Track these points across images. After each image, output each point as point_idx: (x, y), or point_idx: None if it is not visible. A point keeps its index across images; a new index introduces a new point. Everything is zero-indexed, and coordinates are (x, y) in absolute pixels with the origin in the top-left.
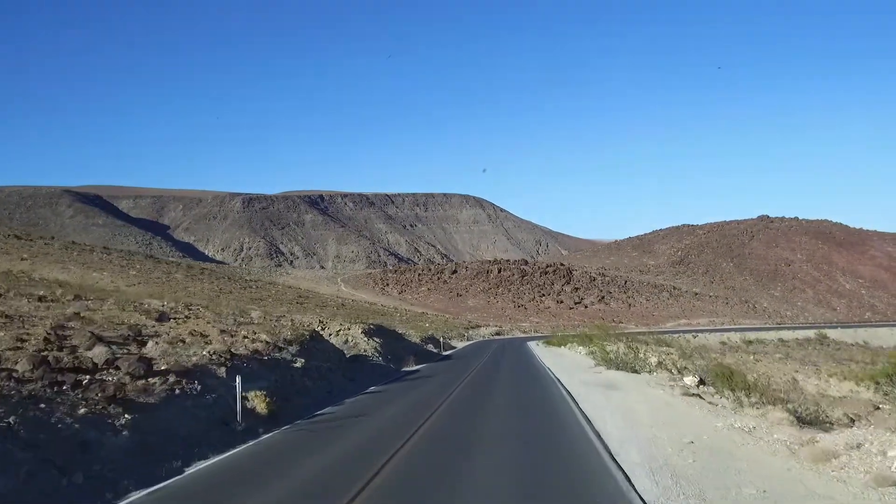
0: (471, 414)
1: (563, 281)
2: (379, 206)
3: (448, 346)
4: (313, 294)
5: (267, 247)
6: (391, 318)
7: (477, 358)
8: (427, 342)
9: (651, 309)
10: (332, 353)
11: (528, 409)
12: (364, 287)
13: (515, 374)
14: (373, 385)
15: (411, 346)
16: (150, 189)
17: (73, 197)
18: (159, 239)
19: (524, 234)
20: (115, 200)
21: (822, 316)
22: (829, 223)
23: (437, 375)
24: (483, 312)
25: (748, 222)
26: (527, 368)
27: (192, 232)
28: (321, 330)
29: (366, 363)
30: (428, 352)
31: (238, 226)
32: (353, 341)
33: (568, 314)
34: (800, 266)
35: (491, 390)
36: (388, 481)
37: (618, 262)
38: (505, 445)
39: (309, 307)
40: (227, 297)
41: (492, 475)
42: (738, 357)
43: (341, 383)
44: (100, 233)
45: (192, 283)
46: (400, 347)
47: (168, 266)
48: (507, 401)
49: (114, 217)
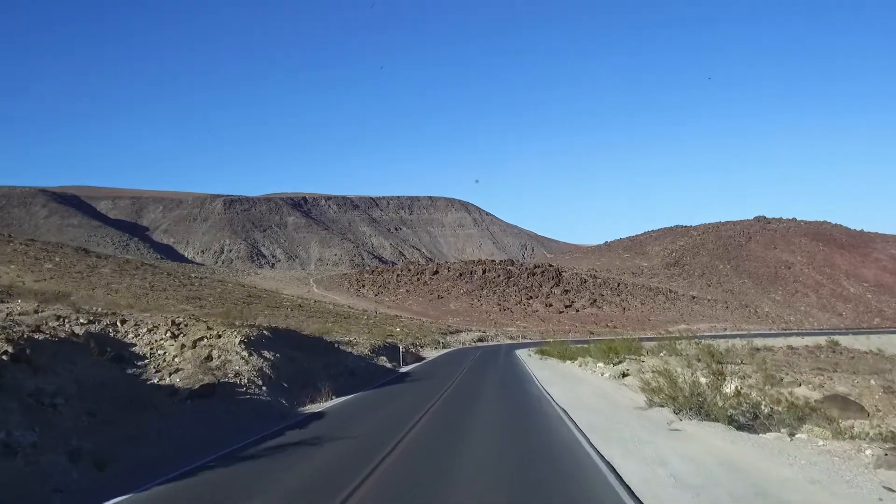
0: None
1: (551, 283)
2: (363, 208)
3: (414, 357)
4: (271, 294)
5: (248, 249)
6: (355, 321)
7: (446, 378)
8: (380, 353)
9: (647, 313)
10: (121, 386)
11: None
12: (338, 288)
13: (505, 427)
14: (158, 477)
15: (344, 363)
16: (129, 190)
17: (48, 197)
18: (136, 240)
19: (510, 238)
20: (93, 201)
21: (828, 321)
22: (828, 224)
23: (349, 432)
24: (466, 316)
25: (744, 223)
26: (525, 409)
27: (171, 234)
28: (170, 336)
29: (219, 403)
30: (376, 369)
31: (219, 228)
32: (220, 358)
33: (558, 318)
34: (801, 269)
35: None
36: None
37: (609, 263)
38: None
39: (256, 308)
40: (160, 294)
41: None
42: (853, 381)
43: (87, 470)
44: (75, 233)
45: (120, 278)
46: (318, 367)
47: (98, 260)
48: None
49: (90, 218)
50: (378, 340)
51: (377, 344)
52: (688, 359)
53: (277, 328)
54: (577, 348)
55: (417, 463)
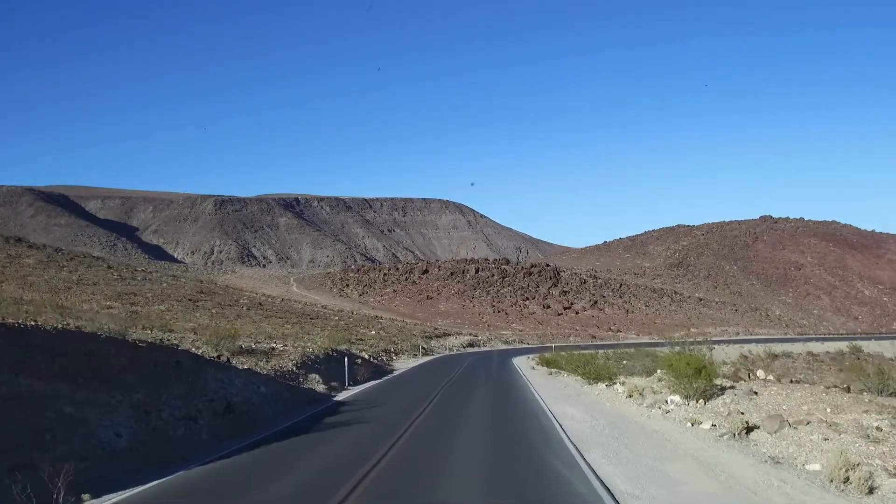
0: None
1: (549, 283)
2: (356, 210)
3: (376, 370)
4: (233, 291)
5: (239, 250)
6: (323, 322)
7: (398, 420)
8: (315, 368)
9: (652, 316)
10: None
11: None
12: (319, 288)
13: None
14: None
15: (217, 393)
16: (119, 190)
17: (35, 196)
18: (124, 240)
19: (505, 240)
20: (82, 201)
21: (844, 325)
22: (837, 224)
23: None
24: (457, 318)
25: (750, 223)
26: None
27: (160, 234)
28: None
29: None
30: (291, 397)
31: (209, 228)
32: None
33: (556, 321)
34: (811, 270)
35: None
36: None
37: (608, 263)
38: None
39: (202, 307)
40: (86, 290)
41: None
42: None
43: None
44: (61, 233)
45: (44, 270)
46: (123, 409)
47: (29, 249)
48: None
49: (77, 217)
50: (323, 348)
51: (316, 354)
52: None
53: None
54: (608, 363)
55: None
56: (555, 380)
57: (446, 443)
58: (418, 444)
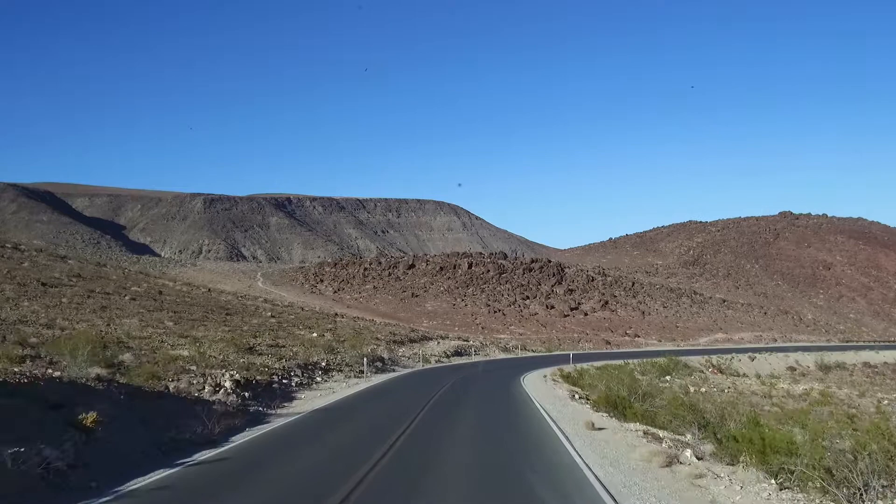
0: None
1: (552, 280)
2: (350, 210)
3: (237, 417)
4: (162, 284)
5: (228, 249)
6: (244, 318)
7: None
8: None
9: (673, 319)
10: None
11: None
12: (290, 283)
13: None
14: None
15: None
16: (107, 188)
17: (18, 192)
18: (108, 238)
19: (500, 242)
20: (68, 198)
21: (886, 331)
22: (865, 221)
23: None
24: (446, 319)
25: (768, 219)
26: None
27: (148, 232)
28: None
29: None
30: None
31: (198, 227)
32: None
33: (562, 323)
34: (842, 270)
35: None
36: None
37: (616, 261)
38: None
39: (88, 304)
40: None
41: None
42: None
43: None
44: (43, 230)
45: None
46: None
47: None
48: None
49: (61, 214)
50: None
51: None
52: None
53: None
54: None
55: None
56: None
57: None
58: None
